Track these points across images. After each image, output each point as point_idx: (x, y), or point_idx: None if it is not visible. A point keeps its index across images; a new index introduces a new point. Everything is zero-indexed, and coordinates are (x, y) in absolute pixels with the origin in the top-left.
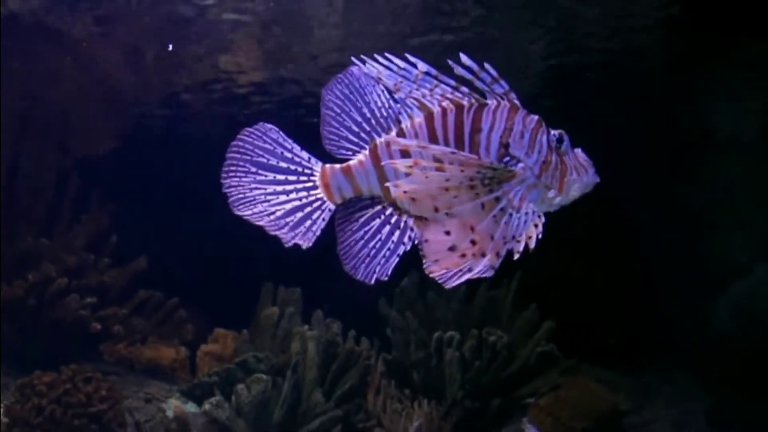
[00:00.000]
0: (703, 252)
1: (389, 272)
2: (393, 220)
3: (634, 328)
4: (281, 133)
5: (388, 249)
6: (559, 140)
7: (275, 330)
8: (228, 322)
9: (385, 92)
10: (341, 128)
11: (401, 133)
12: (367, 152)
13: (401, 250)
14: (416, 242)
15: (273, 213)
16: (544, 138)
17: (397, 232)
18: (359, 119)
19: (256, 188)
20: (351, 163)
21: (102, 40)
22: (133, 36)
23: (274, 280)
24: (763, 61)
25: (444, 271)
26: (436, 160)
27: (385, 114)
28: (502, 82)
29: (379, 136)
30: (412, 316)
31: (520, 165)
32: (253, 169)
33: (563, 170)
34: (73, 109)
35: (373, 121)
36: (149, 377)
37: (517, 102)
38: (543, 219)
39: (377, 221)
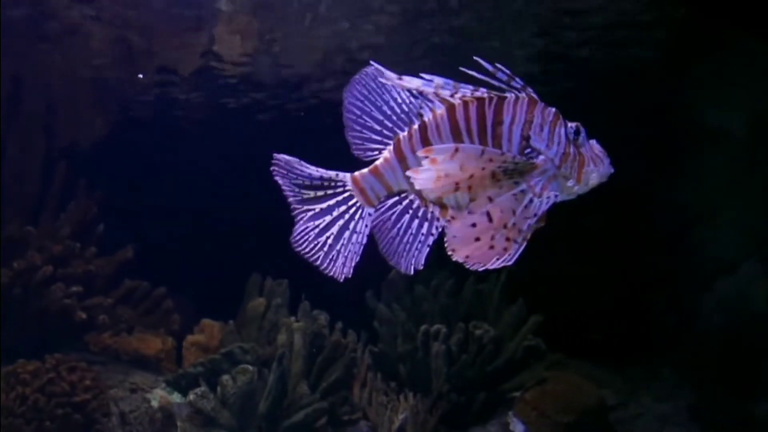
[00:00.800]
0: (691, 248)
1: (423, 262)
2: (420, 213)
3: (621, 323)
4: (302, 161)
5: (420, 241)
6: (576, 132)
7: (262, 321)
8: (215, 313)
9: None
10: (364, 129)
11: (423, 126)
12: (391, 148)
13: (431, 240)
14: (442, 229)
15: (326, 244)
16: (562, 130)
17: (426, 224)
18: (381, 117)
19: (311, 222)
20: (377, 163)
21: (89, 25)
22: (120, 22)
23: (262, 271)
24: (756, 58)
25: (469, 256)
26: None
27: (405, 109)
28: (517, 80)
29: (402, 131)
30: (400, 309)
31: (541, 157)
32: (298, 191)
33: (581, 161)
34: (60, 95)
35: (394, 117)
36: (135, 367)
37: (534, 95)
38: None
39: (407, 216)
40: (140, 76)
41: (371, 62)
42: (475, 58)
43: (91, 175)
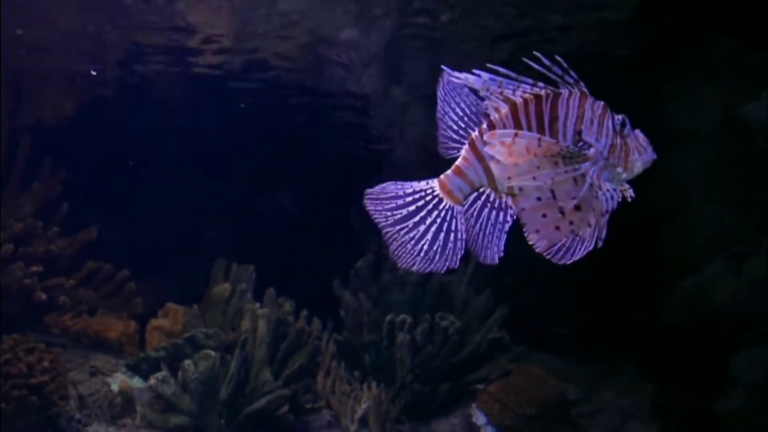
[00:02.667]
0: (658, 245)
1: (503, 248)
2: (496, 204)
3: (586, 317)
4: (395, 182)
5: (498, 230)
6: (623, 124)
7: (226, 307)
8: (180, 297)
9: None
10: (447, 130)
11: (491, 125)
12: (467, 147)
13: (507, 227)
14: (516, 216)
15: (421, 249)
16: (610, 122)
17: (501, 213)
18: (455, 118)
19: (407, 236)
20: (458, 163)
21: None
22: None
23: (229, 256)
24: (726, 57)
25: (546, 243)
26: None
27: (474, 110)
28: (572, 73)
29: (474, 130)
30: (366, 298)
31: (592, 150)
32: (390, 215)
33: (627, 151)
34: (25, 72)
35: (466, 118)
36: (96, 350)
37: (585, 89)
38: (627, 186)
39: (486, 210)
40: (93, 72)
41: (443, 67)
42: (535, 53)
43: (56, 154)
